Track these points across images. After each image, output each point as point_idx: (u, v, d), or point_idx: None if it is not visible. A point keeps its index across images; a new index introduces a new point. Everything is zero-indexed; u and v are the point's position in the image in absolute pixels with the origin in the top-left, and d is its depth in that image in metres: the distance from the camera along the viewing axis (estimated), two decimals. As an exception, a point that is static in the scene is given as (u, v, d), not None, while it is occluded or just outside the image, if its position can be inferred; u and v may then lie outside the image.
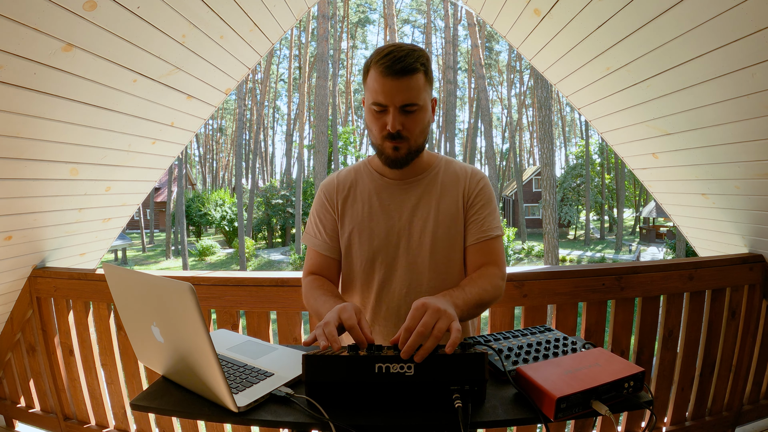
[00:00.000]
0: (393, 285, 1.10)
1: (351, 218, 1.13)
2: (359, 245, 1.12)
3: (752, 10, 1.27)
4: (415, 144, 1.03)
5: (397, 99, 0.97)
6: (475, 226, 1.11)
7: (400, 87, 0.96)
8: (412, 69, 0.96)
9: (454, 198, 1.12)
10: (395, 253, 1.10)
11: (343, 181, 1.17)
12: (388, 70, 0.95)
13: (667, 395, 1.88)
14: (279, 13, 2.13)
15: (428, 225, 1.10)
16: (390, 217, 1.11)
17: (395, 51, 0.96)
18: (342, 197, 1.15)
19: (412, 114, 0.99)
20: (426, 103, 1.02)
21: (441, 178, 1.13)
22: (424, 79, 0.99)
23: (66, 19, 1.31)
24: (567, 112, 42.73)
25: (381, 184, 1.14)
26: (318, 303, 1.01)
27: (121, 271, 0.86)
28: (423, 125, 1.03)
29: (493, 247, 1.10)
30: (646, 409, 0.76)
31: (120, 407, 2.00)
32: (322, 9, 16.18)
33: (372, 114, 1.01)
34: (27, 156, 1.59)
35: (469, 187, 1.13)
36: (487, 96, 17.56)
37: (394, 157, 1.04)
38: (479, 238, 1.10)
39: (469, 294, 0.95)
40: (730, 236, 2.18)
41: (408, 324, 0.77)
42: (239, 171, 22.26)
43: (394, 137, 1.00)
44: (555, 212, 11.34)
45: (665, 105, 1.86)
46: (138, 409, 0.81)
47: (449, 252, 1.10)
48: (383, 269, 1.10)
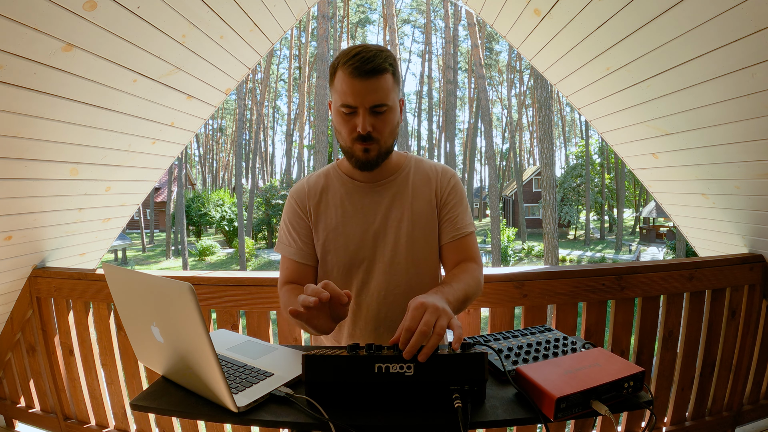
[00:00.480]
0: (371, 287, 1.10)
1: (325, 224, 1.12)
2: (335, 251, 1.11)
3: (752, 10, 1.27)
4: (385, 145, 1.03)
5: (367, 100, 0.96)
6: (450, 224, 1.12)
7: (369, 88, 0.95)
8: (381, 69, 0.95)
9: (426, 197, 1.12)
10: (372, 256, 1.10)
11: (313, 187, 1.15)
12: (356, 71, 0.94)
13: (667, 395, 1.88)
14: (279, 13, 2.13)
15: (403, 226, 1.10)
16: (364, 221, 1.10)
17: (363, 52, 0.95)
18: (314, 203, 1.13)
19: (381, 115, 0.99)
20: (395, 103, 1.02)
21: (412, 179, 1.14)
22: (392, 80, 0.99)
23: (66, 19, 1.31)
24: (567, 112, 42.75)
25: (352, 187, 1.13)
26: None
27: (121, 271, 0.86)
28: (392, 126, 1.03)
29: (468, 243, 1.12)
30: (646, 409, 0.75)
31: (120, 407, 2.00)
32: (322, 9, 16.17)
33: (341, 116, 1.00)
34: (27, 156, 1.59)
35: (441, 185, 1.14)
36: (487, 96, 17.54)
37: (365, 159, 1.03)
38: (454, 236, 1.11)
39: (457, 290, 0.96)
40: (730, 236, 2.18)
41: (408, 324, 0.76)
42: (239, 171, 22.26)
43: (365, 139, 0.99)
44: (555, 212, 11.35)
45: (665, 105, 1.86)
46: (138, 409, 0.81)
47: (426, 251, 1.11)
48: (361, 273, 1.10)
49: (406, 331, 0.76)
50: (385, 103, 0.98)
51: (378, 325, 1.11)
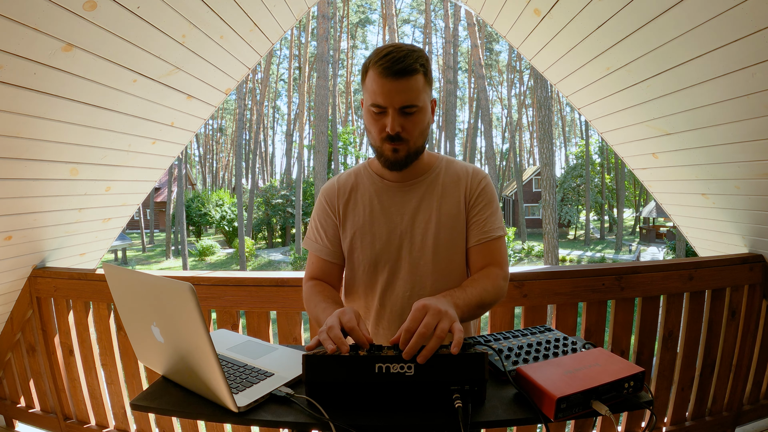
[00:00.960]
0: (396, 287, 1.10)
1: (353, 222, 1.12)
2: (361, 249, 1.11)
3: (752, 10, 1.27)
4: (414, 146, 1.02)
5: (396, 100, 0.95)
6: (477, 226, 1.10)
7: (399, 88, 0.95)
8: (412, 70, 0.94)
9: (455, 199, 1.11)
10: (398, 255, 1.09)
11: (343, 185, 1.15)
12: (386, 71, 0.94)
13: (667, 395, 1.88)
14: (279, 13, 2.13)
15: (430, 227, 1.09)
16: (391, 220, 1.10)
17: (394, 52, 0.94)
18: (343, 201, 1.14)
19: (411, 115, 0.98)
20: (425, 104, 1.01)
21: (442, 179, 1.12)
22: (423, 80, 0.98)
23: (66, 19, 1.31)
24: (567, 112, 42.74)
25: (381, 186, 1.13)
26: (318, 309, 1.01)
27: (121, 271, 0.86)
28: (422, 127, 1.02)
29: (495, 247, 1.09)
30: (646, 409, 0.76)
31: (120, 407, 2.00)
32: (322, 9, 16.17)
33: (371, 115, 1.00)
34: (27, 156, 1.59)
35: (471, 187, 1.12)
36: (486, 96, 17.56)
37: (394, 159, 1.02)
38: (481, 239, 1.09)
39: (471, 294, 0.95)
40: (730, 236, 2.18)
41: (408, 325, 0.76)
42: (239, 171, 22.26)
43: (393, 139, 0.99)
44: (555, 212, 11.35)
45: (665, 105, 1.86)
46: (138, 409, 0.81)
47: (451, 253, 1.10)
48: (386, 272, 1.10)
49: (405, 332, 0.76)
50: (414, 104, 0.97)
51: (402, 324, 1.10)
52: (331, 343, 0.76)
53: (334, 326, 0.79)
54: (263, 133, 41.07)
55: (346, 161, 26.38)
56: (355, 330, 0.80)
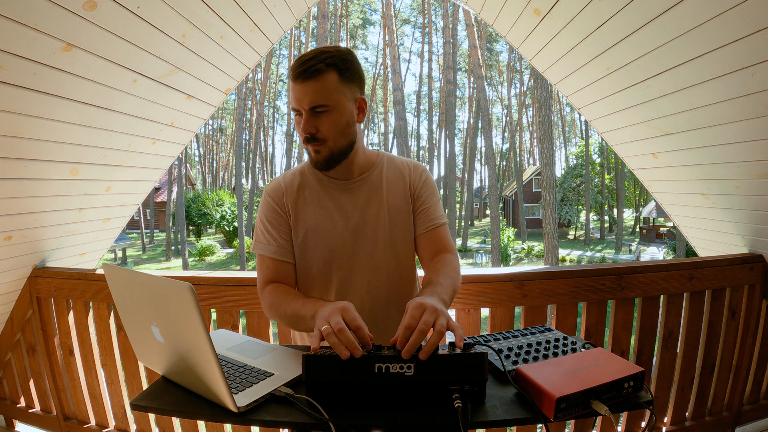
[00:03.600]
0: (354, 283, 1.11)
1: (304, 221, 1.12)
2: (314, 247, 1.11)
3: (752, 10, 1.27)
4: (335, 145, 1.03)
5: (305, 102, 0.98)
6: (424, 215, 1.15)
7: (306, 90, 0.97)
8: (316, 70, 0.96)
9: (401, 192, 1.16)
10: (352, 251, 1.11)
11: (290, 185, 1.15)
12: (293, 75, 0.98)
13: (667, 395, 1.88)
14: (279, 13, 2.13)
15: (380, 220, 1.12)
16: (343, 216, 1.12)
17: (303, 56, 0.99)
18: (292, 200, 1.13)
19: (323, 114, 1.00)
20: (340, 103, 1.00)
21: (386, 175, 1.17)
22: (336, 79, 0.99)
23: (66, 19, 1.31)
24: (567, 112, 42.74)
25: (328, 184, 1.14)
26: (295, 305, 0.99)
27: (121, 271, 0.86)
28: (340, 126, 1.02)
29: (442, 233, 1.15)
30: (646, 409, 0.76)
31: (120, 407, 2.00)
32: (322, 9, 16.17)
33: (295, 120, 1.04)
34: (27, 156, 1.59)
35: (414, 179, 1.18)
36: (486, 96, 17.56)
37: (316, 159, 1.05)
38: (428, 226, 1.14)
39: (446, 287, 0.98)
40: (730, 236, 2.18)
41: (408, 323, 0.77)
42: (239, 171, 22.26)
43: (310, 140, 1.02)
44: (555, 212, 11.35)
45: (665, 105, 1.86)
46: (138, 409, 0.81)
47: (404, 244, 1.14)
48: (342, 269, 1.11)
49: (405, 330, 0.76)
50: (323, 103, 0.98)
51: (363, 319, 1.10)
52: (344, 350, 0.73)
53: (343, 329, 0.76)
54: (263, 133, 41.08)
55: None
56: (361, 329, 0.80)
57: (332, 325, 0.77)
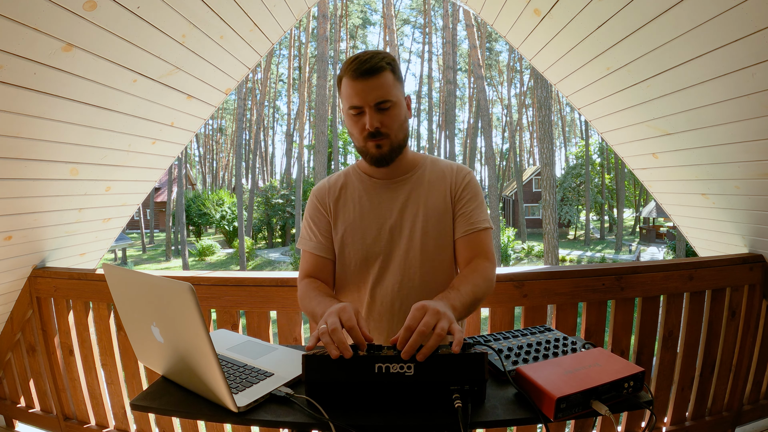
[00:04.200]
0: (386, 281, 1.13)
1: (343, 219, 1.16)
2: (352, 245, 1.15)
3: (752, 10, 1.27)
4: (395, 139, 1.08)
5: (370, 98, 1.02)
6: (463, 218, 1.14)
7: (371, 86, 1.01)
8: (379, 68, 1.02)
9: (441, 194, 1.15)
10: (387, 250, 1.13)
11: (333, 185, 1.20)
12: (356, 73, 1.01)
13: (667, 395, 1.88)
14: (279, 13, 2.13)
15: (418, 221, 1.13)
16: (380, 216, 1.14)
17: (361, 56, 1.03)
18: (333, 199, 1.18)
19: (387, 110, 1.04)
20: (399, 99, 1.06)
21: (428, 176, 1.17)
22: (392, 77, 1.05)
23: (66, 19, 1.31)
24: (567, 112, 42.73)
25: (370, 184, 1.18)
26: (313, 303, 1.03)
27: (121, 271, 0.86)
28: (400, 120, 1.07)
29: (481, 239, 1.13)
30: (646, 409, 0.76)
31: (120, 407, 2.00)
32: (322, 9, 16.17)
33: (351, 119, 1.07)
34: (27, 156, 1.59)
35: (456, 182, 1.17)
36: (486, 96, 17.57)
37: (378, 155, 1.08)
38: (467, 230, 1.13)
39: (465, 294, 0.97)
40: (730, 236, 2.18)
41: (409, 323, 0.77)
42: (239, 171, 22.25)
43: (374, 135, 1.04)
44: (555, 212, 11.35)
45: (665, 105, 1.86)
46: (138, 409, 0.81)
47: (439, 246, 1.14)
48: (376, 267, 1.13)
49: (405, 330, 0.77)
50: (387, 98, 1.03)
51: (392, 317, 1.13)
52: (335, 349, 0.75)
53: (337, 329, 0.78)
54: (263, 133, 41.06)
55: (346, 161, 26.37)
56: (355, 329, 0.80)
57: (328, 325, 0.79)
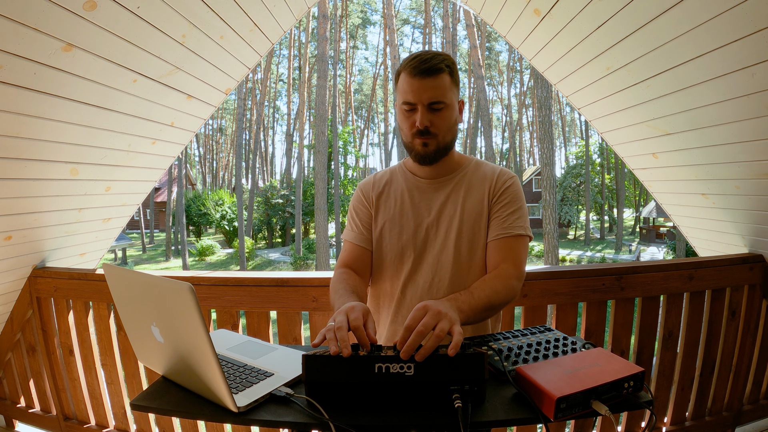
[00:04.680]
0: (418, 278, 1.14)
1: (384, 213, 1.20)
2: (390, 238, 1.17)
3: (752, 10, 1.27)
4: (443, 140, 1.09)
5: (425, 96, 1.03)
6: (498, 222, 1.12)
7: (427, 86, 1.03)
8: (438, 69, 1.03)
9: (480, 196, 1.15)
10: (422, 248, 1.15)
11: (379, 180, 1.25)
12: (415, 71, 1.03)
13: (667, 395, 1.88)
14: (279, 13, 2.13)
15: (454, 222, 1.14)
16: (419, 214, 1.16)
17: (422, 54, 1.05)
18: (377, 193, 1.22)
19: (439, 111, 1.05)
20: (452, 102, 1.07)
21: (469, 178, 1.18)
22: (449, 80, 1.05)
23: (66, 19, 1.31)
24: (567, 112, 42.72)
25: (413, 183, 1.20)
26: (336, 297, 1.05)
27: (120, 271, 0.86)
28: (450, 123, 1.08)
29: (513, 245, 1.09)
30: (646, 409, 0.75)
31: (120, 407, 2.00)
32: (322, 9, 16.17)
33: (402, 113, 1.08)
34: (27, 156, 1.59)
35: (496, 185, 1.16)
36: (486, 96, 17.57)
37: (424, 153, 1.09)
38: (500, 234, 1.10)
39: (477, 298, 0.95)
40: (730, 236, 2.18)
41: (409, 323, 0.77)
42: (239, 171, 22.25)
43: (423, 134, 1.06)
44: (555, 212, 11.34)
45: (665, 105, 1.86)
46: (138, 409, 0.81)
47: (472, 249, 1.13)
48: (410, 262, 1.15)
49: (405, 330, 0.77)
50: (441, 100, 1.04)
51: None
52: (335, 345, 0.76)
53: (342, 327, 0.79)
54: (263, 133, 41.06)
55: (346, 161, 26.36)
56: (359, 330, 0.80)
57: (335, 323, 0.81)
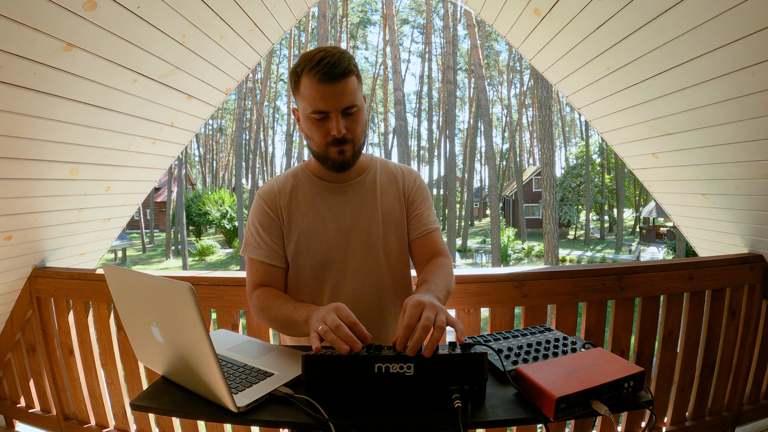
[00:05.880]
0: (345, 286, 1.09)
1: (297, 224, 1.11)
2: (308, 251, 1.09)
3: (752, 10, 1.27)
4: (358, 144, 1.05)
5: (338, 103, 0.97)
6: (417, 220, 1.16)
7: (338, 91, 0.96)
8: (348, 72, 0.97)
9: (394, 196, 1.16)
10: (345, 255, 1.10)
11: (282, 188, 1.14)
12: (326, 76, 0.95)
13: (667, 395, 1.88)
14: (279, 13, 2.13)
15: (374, 224, 1.12)
16: (336, 220, 1.11)
17: (327, 56, 0.96)
18: (285, 203, 1.12)
19: (352, 115, 1.01)
20: (362, 102, 1.04)
21: (379, 178, 1.17)
22: (356, 80, 1.01)
23: (66, 19, 1.31)
24: (567, 112, 42.72)
25: (321, 187, 1.13)
26: (286, 309, 0.98)
27: (120, 271, 0.86)
28: (363, 125, 1.05)
29: (435, 238, 1.16)
30: (646, 409, 0.75)
31: (120, 407, 2.00)
32: (322, 9, 16.17)
33: (311, 122, 1.00)
34: (27, 156, 1.59)
35: (407, 184, 1.18)
36: (486, 96, 17.57)
37: (341, 160, 1.04)
38: (422, 231, 1.15)
39: (441, 287, 0.98)
40: (730, 236, 2.18)
41: (408, 322, 0.77)
42: (239, 171, 22.25)
43: (340, 142, 1.01)
44: (555, 212, 11.34)
45: (665, 105, 1.86)
46: (138, 409, 0.81)
47: (398, 249, 1.14)
48: (334, 273, 1.09)
49: (405, 329, 0.76)
50: (354, 104, 1.00)
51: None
52: (344, 345, 0.75)
53: (340, 326, 0.78)
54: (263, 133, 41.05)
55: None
56: (357, 325, 0.80)
57: (329, 324, 0.79)
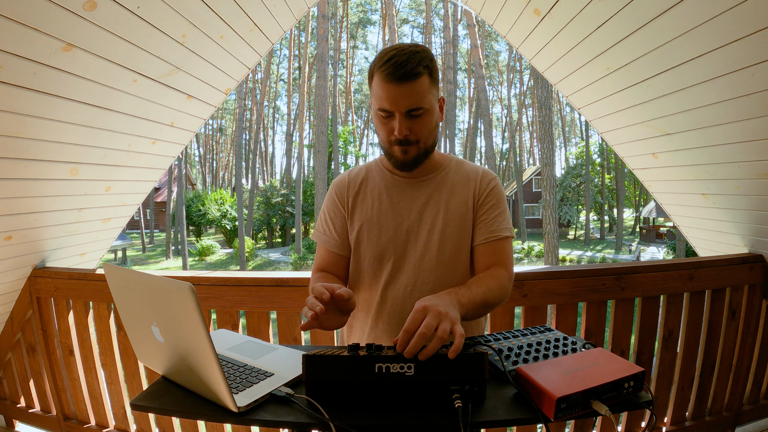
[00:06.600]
0: (399, 282, 1.09)
1: (360, 214, 1.13)
2: (368, 241, 1.11)
3: (752, 10, 1.27)
4: (424, 146, 1.04)
5: (402, 105, 0.96)
6: (484, 225, 1.10)
7: (404, 93, 0.95)
8: (415, 74, 0.95)
9: (464, 198, 1.11)
10: (403, 250, 1.10)
11: (354, 179, 1.17)
12: (390, 76, 0.94)
13: (667, 395, 1.88)
14: (279, 13, 2.13)
15: (437, 223, 1.09)
16: (399, 215, 1.11)
17: (397, 56, 0.94)
18: (352, 194, 1.15)
19: (418, 117, 0.99)
20: (432, 105, 1.01)
21: (451, 178, 1.13)
22: (428, 82, 0.98)
23: (66, 19, 1.31)
24: (567, 112, 42.72)
25: (391, 181, 1.14)
26: None
27: (121, 271, 0.86)
28: (430, 127, 1.03)
29: (501, 247, 1.09)
30: (646, 409, 0.75)
31: (120, 407, 2.00)
32: (322, 9, 16.18)
33: (379, 119, 1.02)
34: (27, 156, 1.59)
35: (480, 187, 1.12)
36: (486, 96, 17.60)
37: (404, 160, 1.04)
38: (488, 237, 1.09)
39: (476, 293, 0.94)
40: (730, 236, 2.18)
41: (408, 327, 0.76)
42: (239, 171, 22.25)
43: (402, 142, 1.01)
44: (555, 212, 11.34)
45: (665, 105, 1.86)
46: (138, 409, 0.81)
47: (456, 251, 1.10)
48: (390, 266, 1.10)
49: (404, 334, 0.75)
50: (420, 106, 0.97)
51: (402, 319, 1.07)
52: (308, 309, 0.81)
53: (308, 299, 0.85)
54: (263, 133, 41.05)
55: (346, 161, 26.36)
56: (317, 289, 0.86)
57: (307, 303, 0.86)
